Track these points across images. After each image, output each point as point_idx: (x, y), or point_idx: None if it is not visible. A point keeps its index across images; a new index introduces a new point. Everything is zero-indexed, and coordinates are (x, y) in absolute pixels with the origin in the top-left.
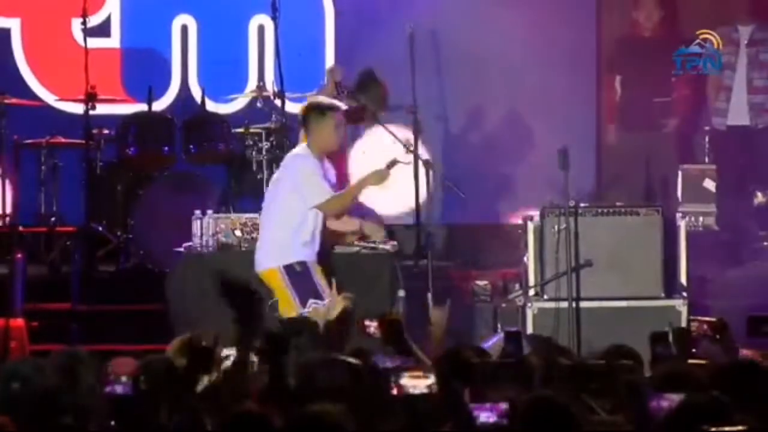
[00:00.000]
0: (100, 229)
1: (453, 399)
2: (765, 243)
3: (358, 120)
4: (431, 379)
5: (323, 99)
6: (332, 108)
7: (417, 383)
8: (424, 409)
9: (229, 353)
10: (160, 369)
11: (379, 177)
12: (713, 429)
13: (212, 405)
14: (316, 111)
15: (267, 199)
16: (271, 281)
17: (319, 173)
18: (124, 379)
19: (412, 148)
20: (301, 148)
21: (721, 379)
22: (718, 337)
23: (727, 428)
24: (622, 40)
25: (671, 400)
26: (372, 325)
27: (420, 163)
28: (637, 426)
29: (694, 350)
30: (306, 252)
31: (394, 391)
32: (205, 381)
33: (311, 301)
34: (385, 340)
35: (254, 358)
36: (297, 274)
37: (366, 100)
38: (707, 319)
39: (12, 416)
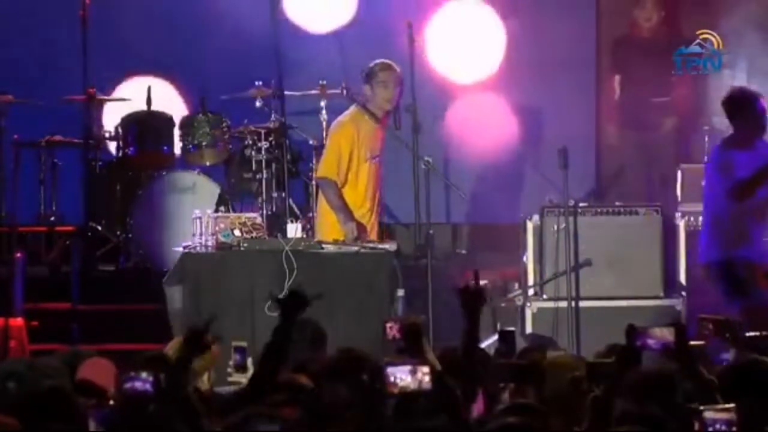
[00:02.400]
0: (100, 228)
1: (447, 397)
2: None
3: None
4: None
5: (746, 89)
6: (751, 100)
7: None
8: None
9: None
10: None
11: None
12: (704, 408)
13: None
14: (731, 103)
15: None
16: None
17: (730, 159)
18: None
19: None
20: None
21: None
22: (728, 335)
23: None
24: (621, 39)
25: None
26: (395, 328)
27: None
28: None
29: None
30: (737, 252)
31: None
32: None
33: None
34: (406, 342)
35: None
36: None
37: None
38: (716, 317)
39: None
